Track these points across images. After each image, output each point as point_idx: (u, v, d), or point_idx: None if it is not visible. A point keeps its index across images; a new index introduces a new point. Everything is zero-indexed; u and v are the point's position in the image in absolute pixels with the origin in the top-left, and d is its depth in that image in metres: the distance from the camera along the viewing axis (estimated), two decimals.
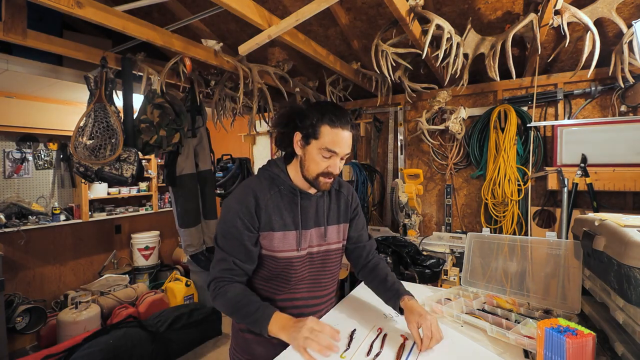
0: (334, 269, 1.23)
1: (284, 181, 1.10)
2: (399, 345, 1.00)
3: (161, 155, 2.80)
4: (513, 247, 1.33)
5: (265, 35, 1.79)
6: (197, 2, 2.32)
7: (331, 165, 1.04)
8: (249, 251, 1.06)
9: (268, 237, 1.07)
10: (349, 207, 1.25)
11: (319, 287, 1.19)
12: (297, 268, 1.11)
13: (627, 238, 0.83)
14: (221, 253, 1.06)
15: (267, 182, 1.10)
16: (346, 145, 1.05)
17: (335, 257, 1.21)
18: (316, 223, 1.14)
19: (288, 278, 1.10)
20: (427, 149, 3.16)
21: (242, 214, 1.04)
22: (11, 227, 3.00)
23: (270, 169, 1.13)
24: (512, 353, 0.95)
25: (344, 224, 1.23)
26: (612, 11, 1.64)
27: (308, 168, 1.06)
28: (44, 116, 3.22)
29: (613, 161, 2.31)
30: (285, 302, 1.12)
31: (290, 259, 1.09)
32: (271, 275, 1.11)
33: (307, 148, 1.05)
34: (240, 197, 1.06)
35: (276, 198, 1.09)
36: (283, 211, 1.09)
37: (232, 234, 1.04)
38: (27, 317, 2.85)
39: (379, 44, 2.06)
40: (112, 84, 2.16)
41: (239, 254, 1.05)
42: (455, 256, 2.52)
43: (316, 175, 1.05)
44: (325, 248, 1.17)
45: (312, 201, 1.14)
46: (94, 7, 1.58)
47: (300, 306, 1.14)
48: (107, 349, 2.20)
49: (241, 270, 1.06)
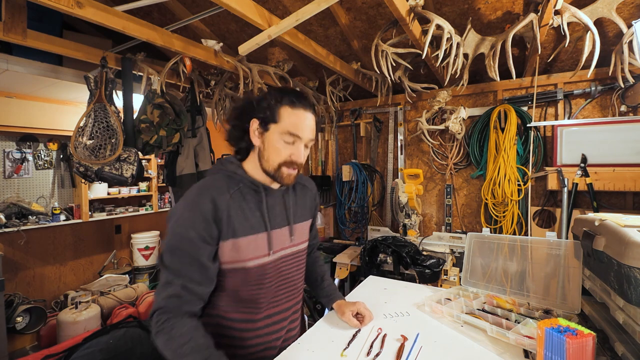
0: (303, 269, 1.14)
1: (243, 177, 0.97)
2: (399, 345, 1.00)
3: (161, 155, 2.80)
4: (513, 247, 1.33)
5: (265, 35, 1.79)
6: (197, 2, 2.32)
7: (294, 152, 0.94)
8: (206, 269, 0.88)
9: (232, 245, 0.90)
10: (314, 202, 1.19)
11: (296, 292, 1.10)
12: (272, 276, 0.98)
13: (627, 238, 0.83)
14: (168, 275, 0.86)
15: (224, 181, 0.95)
16: (309, 129, 0.95)
17: (304, 257, 1.13)
18: (283, 221, 1.03)
19: (266, 290, 0.97)
20: (427, 149, 3.16)
21: (196, 223, 0.86)
22: (11, 227, 3.00)
23: (225, 167, 0.99)
24: (512, 353, 0.95)
25: (309, 220, 1.16)
26: (612, 11, 1.64)
27: (268, 158, 0.94)
28: (44, 116, 3.22)
29: (613, 161, 2.31)
30: (267, 319, 0.99)
31: (264, 266, 0.95)
32: (244, 293, 0.95)
33: (266, 135, 0.93)
34: (193, 202, 0.88)
35: (237, 198, 0.94)
36: (247, 212, 0.94)
37: (183, 249, 0.85)
38: (27, 317, 2.85)
39: (379, 44, 2.06)
40: (112, 84, 2.16)
41: (192, 274, 0.86)
42: (455, 256, 2.52)
43: (278, 165, 0.94)
44: (295, 249, 1.07)
45: (278, 197, 1.03)
46: (94, 7, 1.58)
47: (286, 318, 1.05)
48: (107, 349, 2.20)
49: (193, 296, 0.86)
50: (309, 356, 0.96)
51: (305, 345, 1.02)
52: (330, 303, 1.22)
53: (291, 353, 0.98)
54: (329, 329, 1.13)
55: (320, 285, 1.27)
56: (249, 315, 0.97)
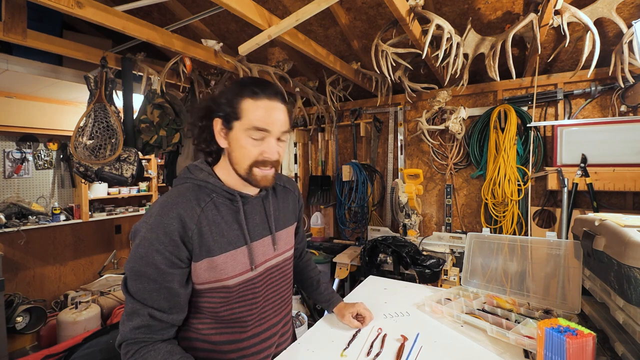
0: (291, 279, 1.06)
1: (215, 186, 0.86)
2: (399, 345, 1.00)
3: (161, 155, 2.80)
4: (513, 247, 1.33)
5: (265, 35, 1.79)
6: (197, 2, 2.32)
7: (265, 149, 0.83)
8: (175, 295, 0.79)
9: (207, 265, 0.81)
10: (297, 204, 1.10)
11: (284, 304, 1.01)
12: (258, 291, 0.89)
13: (627, 238, 0.83)
14: (133, 303, 0.76)
15: (193, 194, 0.83)
16: (279, 120, 0.84)
17: (290, 266, 1.05)
18: (265, 231, 0.93)
19: (251, 307, 0.88)
20: (427, 149, 3.16)
21: (161, 246, 0.76)
22: (11, 227, 3.00)
23: (194, 176, 0.87)
24: (512, 353, 0.95)
25: (293, 225, 1.07)
26: (612, 11, 1.64)
27: (238, 160, 0.84)
28: (44, 116, 3.23)
29: (613, 161, 2.31)
30: (254, 338, 0.90)
31: (246, 282, 0.86)
32: (226, 313, 0.86)
33: (231, 134, 0.83)
34: (158, 223, 0.77)
35: (210, 212, 0.83)
36: (223, 226, 0.84)
37: (147, 275, 0.76)
38: (27, 317, 2.85)
39: (379, 44, 2.06)
40: (112, 84, 2.16)
41: (160, 303, 0.77)
42: (455, 256, 2.52)
43: (249, 166, 0.83)
44: (280, 259, 0.98)
45: (257, 204, 0.93)
46: (94, 7, 1.58)
47: (275, 334, 0.96)
48: (107, 349, 2.20)
49: (163, 324, 0.78)
50: (309, 356, 0.96)
51: (305, 345, 1.02)
52: (331, 307, 1.22)
53: (291, 353, 0.98)
54: (329, 329, 1.13)
55: (317, 291, 1.25)
56: (233, 336, 0.88)
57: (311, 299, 1.26)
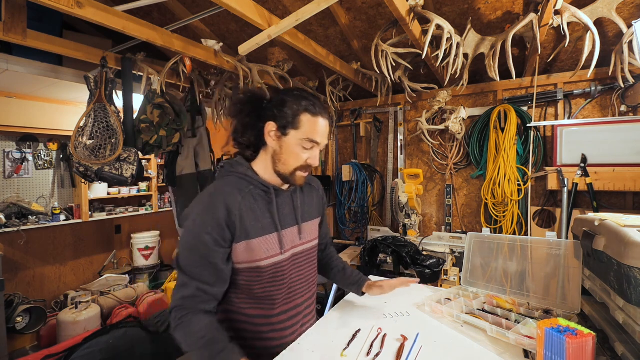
0: (315, 265, 1.18)
1: (254, 179, 0.99)
2: (399, 345, 1.00)
3: (161, 155, 2.80)
4: (513, 247, 1.33)
5: (265, 35, 1.79)
6: (197, 2, 2.32)
7: (311, 157, 0.97)
8: (219, 271, 0.92)
9: (245, 247, 0.94)
10: (321, 201, 1.22)
11: (309, 287, 1.14)
12: (285, 273, 1.02)
13: (627, 238, 0.83)
14: (184, 277, 0.91)
15: (236, 185, 0.97)
16: (326, 135, 0.99)
17: (315, 254, 1.17)
18: (292, 221, 1.06)
19: (280, 287, 1.01)
20: (427, 149, 3.16)
21: (210, 228, 0.89)
22: (11, 227, 3.00)
23: (235, 170, 1.01)
24: (512, 353, 0.95)
25: (317, 219, 1.18)
26: (612, 11, 1.64)
27: (286, 162, 0.96)
28: (44, 116, 3.22)
29: (613, 161, 2.31)
30: (282, 315, 1.03)
31: (277, 264, 0.99)
32: (259, 291, 0.99)
33: (285, 139, 0.95)
34: (207, 208, 0.92)
35: (249, 201, 0.96)
36: (258, 213, 0.97)
37: (198, 252, 0.90)
38: (27, 317, 2.85)
39: (379, 44, 2.06)
40: (112, 84, 2.16)
41: (206, 277, 0.91)
42: (455, 256, 2.52)
43: (294, 169, 0.97)
44: (305, 247, 1.11)
45: (287, 198, 1.06)
46: (94, 7, 1.58)
47: (300, 313, 1.09)
48: (107, 349, 2.20)
49: (207, 296, 0.92)
50: (309, 356, 0.96)
51: (305, 345, 1.02)
52: (360, 288, 1.26)
53: (291, 353, 0.98)
54: (329, 329, 1.13)
55: (345, 275, 1.30)
56: (264, 312, 1.00)
57: (340, 286, 1.34)
